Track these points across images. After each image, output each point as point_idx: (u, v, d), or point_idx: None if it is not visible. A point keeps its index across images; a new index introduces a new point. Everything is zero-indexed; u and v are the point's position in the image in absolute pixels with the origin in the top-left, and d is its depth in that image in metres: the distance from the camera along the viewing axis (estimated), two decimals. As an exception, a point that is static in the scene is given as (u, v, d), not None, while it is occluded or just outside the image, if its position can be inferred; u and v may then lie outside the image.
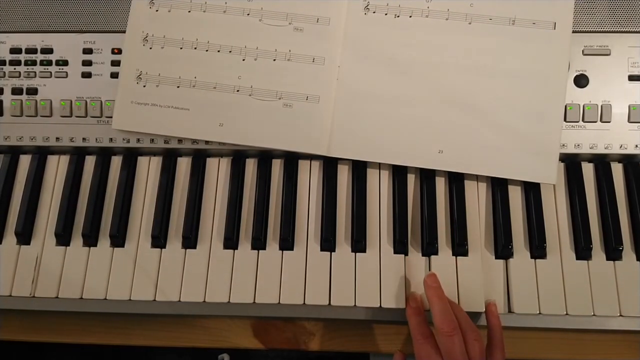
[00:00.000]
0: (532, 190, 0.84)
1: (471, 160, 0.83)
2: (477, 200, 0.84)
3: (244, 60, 0.85)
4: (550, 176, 0.82)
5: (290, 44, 0.85)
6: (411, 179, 0.86)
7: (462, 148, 0.83)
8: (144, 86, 0.85)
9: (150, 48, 0.86)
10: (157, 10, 0.86)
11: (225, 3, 0.85)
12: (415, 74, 0.83)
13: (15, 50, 0.90)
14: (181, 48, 0.85)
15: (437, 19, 0.84)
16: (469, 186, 0.85)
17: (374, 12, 0.84)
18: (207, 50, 0.85)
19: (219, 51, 0.85)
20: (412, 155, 0.83)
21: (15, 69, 0.90)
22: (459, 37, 0.83)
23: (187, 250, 0.83)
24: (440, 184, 0.85)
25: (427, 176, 0.85)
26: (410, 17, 0.84)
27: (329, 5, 0.85)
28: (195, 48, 0.85)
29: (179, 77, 0.85)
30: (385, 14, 0.84)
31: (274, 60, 0.84)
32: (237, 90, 0.84)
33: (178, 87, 0.85)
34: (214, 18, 0.85)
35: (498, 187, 0.84)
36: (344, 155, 0.84)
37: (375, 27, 0.84)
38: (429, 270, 0.81)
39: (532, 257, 0.81)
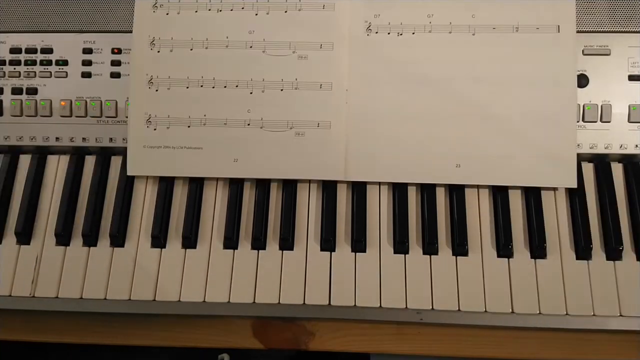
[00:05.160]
0: (532, 190, 0.84)
1: (490, 171, 0.82)
2: (477, 199, 0.84)
3: (251, 93, 0.84)
4: (570, 180, 0.82)
5: (296, 72, 0.84)
6: (411, 179, 0.86)
7: (480, 160, 0.82)
8: (155, 129, 0.85)
9: (157, 90, 0.85)
10: (159, 51, 0.85)
11: (227, 38, 0.85)
12: (425, 90, 0.83)
13: (15, 50, 0.90)
14: (187, 87, 0.85)
15: (441, 33, 0.83)
16: (469, 186, 0.85)
17: (376, 33, 0.84)
18: (213, 87, 0.85)
19: (225, 87, 0.84)
20: (431, 172, 0.83)
21: (15, 68, 0.90)
22: (465, 49, 0.83)
23: (187, 250, 0.83)
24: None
25: (427, 176, 0.85)
26: (414, 34, 0.84)
27: (330, 30, 0.84)
28: (202, 86, 0.84)
29: (189, 116, 0.85)
30: (388, 33, 0.84)
31: (282, 90, 0.84)
32: (248, 124, 0.84)
33: (189, 126, 0.84)
34: (217, 54, 0.85)
35: (499, 186, 0.84)
36: (362, 178, 0.84)
37: (379, 47, 0.84)
38: (429, 270, 0.81)
39: (532, 257, 0.81)
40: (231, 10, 0.85)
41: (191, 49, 0.85)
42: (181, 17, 0.86)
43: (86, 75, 0.89)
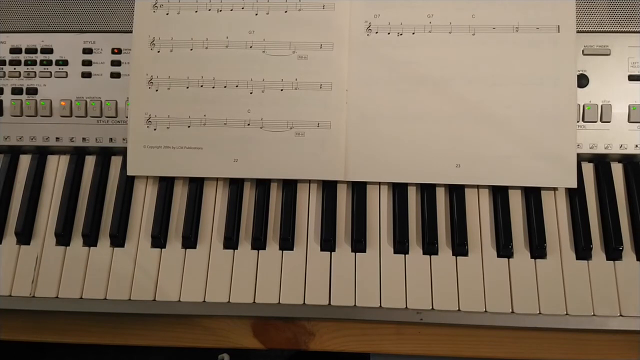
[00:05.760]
0: (532, 190, 0.84)
1: (489, 171, 0.82)
2: (477, 199, 0.84)
3: (251, 93, 0.84)
4: (570, 180, 0.82)
5: (296, 72, 0.84)
6: (411, 179, 0.86)
7: (480, 160, 0.82)
8: (155, 129, 0.85)
9: (157, 90, 0.85)
10: (159, 52, 0.85)
11: (227, 38, 0.84)
12: (425, 90, 0.83)
13: (15, 50, 0.90)
14: (187, 87, 0.85)
15: (441, 33, 0.83)
16: (470, 186, 0.85)
17: (376, 33, 0.84)
18: (213, 87, 0.84)
19: (225, 87, 0.84)
20: (431, 172, 0.83)
21: (15, 69, 0.90)
22: (465, 49, 0.83)
23: (187, 250, 0.83)
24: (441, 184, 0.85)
25: (427, 176, 0.85)
26: (414, 34, 0.83)
27: (330, 30, 0.84)
28: (202, 86, 0.84)
29: (189, 116, 0.84)
30: (388, 33, 0.84)
31: (282, 90, 0.84)
32: (248, 124, 0.84)
33: (189, 127, 0.84)
34: (217, 54, 0.85)
35: (499, 187, 0.84)
36: (362, 178, 0.83)
37: (379, 48, 0.84)
38: (429, 270, 0.81)
39: (532, 257, 0.81)
40: (231, 10, 0.85)
41: (191, 49, 0.85)
42: (181, 17, 0.86)
43: (86, 75, 0.89)
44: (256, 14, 0.85)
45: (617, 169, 0.86)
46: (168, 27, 0.85)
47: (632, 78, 0.85)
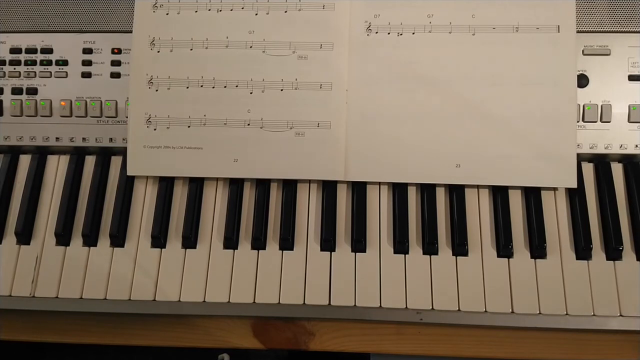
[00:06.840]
0: (532, 190, 0.84)
1: (490, 171, 0.82)
2: (477, 199, 0.84)
3: (251, 93, 0.84)
4: (570, 180, 0.82)
5: (296, 72, 0.84)
6: (411, 179, 0.86)
7: (480, 160, 0.82)
8: (155, 129, 0.85)
9: (157, 90, 0.85)
10: (159, 52, 0.85)
11: (227, 38, 0.84)
12: (425, 90, 0.83)
13: (15, 50, 0.90)
14: (187, 87, 0.85)
15: (441, 33, 0.83)
16: (470, 186, 0.85)
17: (376, 33, 0.84)
18: (213, 87, 0.84)
19: (225, 87, 0.84)
20: (430, 172, 0.83)
21: (15, 69, 0.90)
22: (465, 49, 0.83)
23: (187, 250, 0.83)
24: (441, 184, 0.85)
25: (427, 176, 0.85)
26: (414, 34, 0.83)
27: (330, 30, 0.84)
28: (202, 86, 0.84)
29: (189, 116, 0.84)
30: (388, 33, 0.84)
31: (282, 90, 0.84)
32: (248, 124, 0.84)
33: (189, 127, 0.84)
34: (217, 54, 0.85)
35: (498, 187, 0.84)
36: (362, 178, 0.84)
37: (379, 48, 0.84)
38: (429, 270, 0.81)
39: (532, 257, 0.81)
40: (231, 10, 0.85)
41: (191, 49, 0.85)
42: (181, 17, 0.86)
43: (86, 75, 0.89)
44: (256, 14, 0.85)
45: (617, 169, 0.86)
46: (168, 27, 0.86)
47: (632, 78, 0.85)
